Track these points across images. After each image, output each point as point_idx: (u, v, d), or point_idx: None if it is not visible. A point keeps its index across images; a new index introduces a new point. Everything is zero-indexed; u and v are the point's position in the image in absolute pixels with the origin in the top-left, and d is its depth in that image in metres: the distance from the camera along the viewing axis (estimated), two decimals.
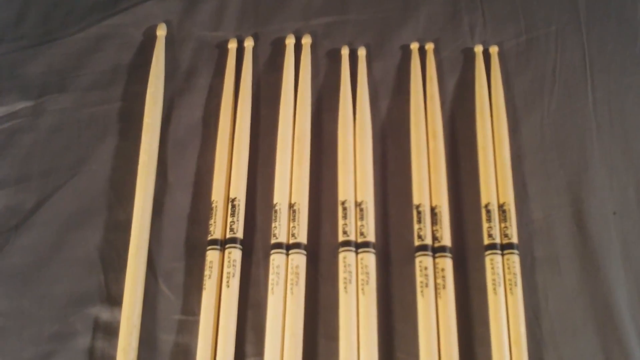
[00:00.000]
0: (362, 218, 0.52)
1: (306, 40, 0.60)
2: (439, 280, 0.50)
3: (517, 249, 0.51)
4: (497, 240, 0.52)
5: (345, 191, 0.53)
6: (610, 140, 0.57)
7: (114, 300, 0.51)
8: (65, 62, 0.60)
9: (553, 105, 0.58)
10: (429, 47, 0.60)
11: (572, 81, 0.59)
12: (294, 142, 0.55)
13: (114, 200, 0.55)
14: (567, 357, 0.50)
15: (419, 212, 0.53)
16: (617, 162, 0.56)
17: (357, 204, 0.53)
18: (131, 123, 0.57)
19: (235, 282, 0.51)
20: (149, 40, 0.60)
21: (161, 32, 0.59)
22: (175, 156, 0.57)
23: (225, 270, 0.51)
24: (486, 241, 0.52)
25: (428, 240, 0.52)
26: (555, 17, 0.62)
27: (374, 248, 0.52)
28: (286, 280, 0.51)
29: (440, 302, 0.50)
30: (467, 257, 0.53)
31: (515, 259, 0.51)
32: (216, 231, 0.52)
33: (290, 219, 0.53)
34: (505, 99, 0.57)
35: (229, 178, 0.55)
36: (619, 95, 0.58)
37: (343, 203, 0.53)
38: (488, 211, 0.53)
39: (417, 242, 0.52)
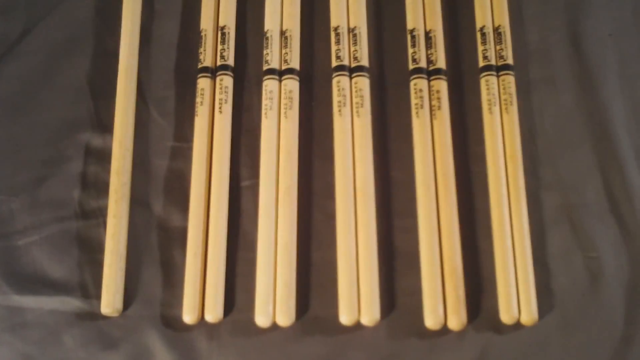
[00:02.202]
0: (355, 43, 0.51)
1: None
2: (434, 102, 0.50)
3: (513, 70, 0.51)
4: (493, 62, 0.51)
5: (337, 17, 0.52)
6: None
7: (105, 127, 0.51)
8: None
9: None
10: None
11: None
12: None
13: (101, 28, 0.54)
14: (563, 172, 0.50)
15: (413, 37, 0.52)
16: None
17: (350, 30, 0.52)
18: None
19: (227, 108, 0.51)
20: None
21: None
22: None
23: (217, 96, 0.51)
24: (481, 63, 0.51)
25: (423, 64, 0.51)
26: None
27: (368, 72, 0.51)
28: (280, 105, 0.50)
29: (435, 122, 0.49)
30: (462, 80, 0.52)
31: (510, 79, 0.50)
32: (206, 59, 0.51)
33: (282, 46, 0.52)
34: None
35: (218, 6, 0.53)
36: None
37: (336, 29, 0.52)
38: (483, 34, 0.52)
39: (411, 66, 0.51)
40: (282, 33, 0.52)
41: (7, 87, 0.53)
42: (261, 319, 0.45)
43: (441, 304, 0.45)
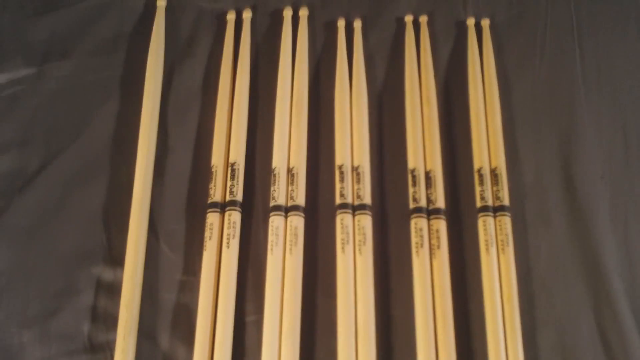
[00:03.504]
0: (358, 181, 0.54)
1: (303, 12, 0.61)
2: (434, 241, 0.52)
3: (509, 211, 0.53)
4: (490, 203, 0.53)
5: (342, 156, 0.55)
6: (599, 103, 0.59)
7: (116, 260, 0.53)
8: (68, 30, 0.61)
9: (543, 72, 0.60)
10: (423, 19, 0.61)
11: (560, 49, 0.61)
12: (292, 108, 0.57)
13: (116, 162, 0.56)
14: (558, 312, 0.51)
15: (413, 176, 0.54)
16: (605, 124, 0.58)
17: (354, 168, 0.54)
18: (132, 89, 0.58)
19: (235, 243, 0.52)
20: (150, 10, 0.61)
21: (161, 2, 0.60)
22: (175, 121, 0.58)
23: (225, 231, 0.52)
24: (479, 204, 0.54)
25: (423, 203, 0.53)
26: None
27: (370, 210, 0.53)
28: (285, 241, 0.52)
29: (435, 261, 0.51)
30: (460, 219, 0.54)
31: (506, 221, 0.53)
32: (216, 194, 0.54)
33: (288, 183, 0.54)
34: (496, 67, 0.59)
35: (229, 143, 0.56)
36: (606, 60, 0.61)
37: (340, 167, 0.54)
38: (480, 175, 0.54)
39: (412, 205, 0.53)
40: (289, 170, 0.54)
41: (22, 219, 0.54)
42: None
43: None
